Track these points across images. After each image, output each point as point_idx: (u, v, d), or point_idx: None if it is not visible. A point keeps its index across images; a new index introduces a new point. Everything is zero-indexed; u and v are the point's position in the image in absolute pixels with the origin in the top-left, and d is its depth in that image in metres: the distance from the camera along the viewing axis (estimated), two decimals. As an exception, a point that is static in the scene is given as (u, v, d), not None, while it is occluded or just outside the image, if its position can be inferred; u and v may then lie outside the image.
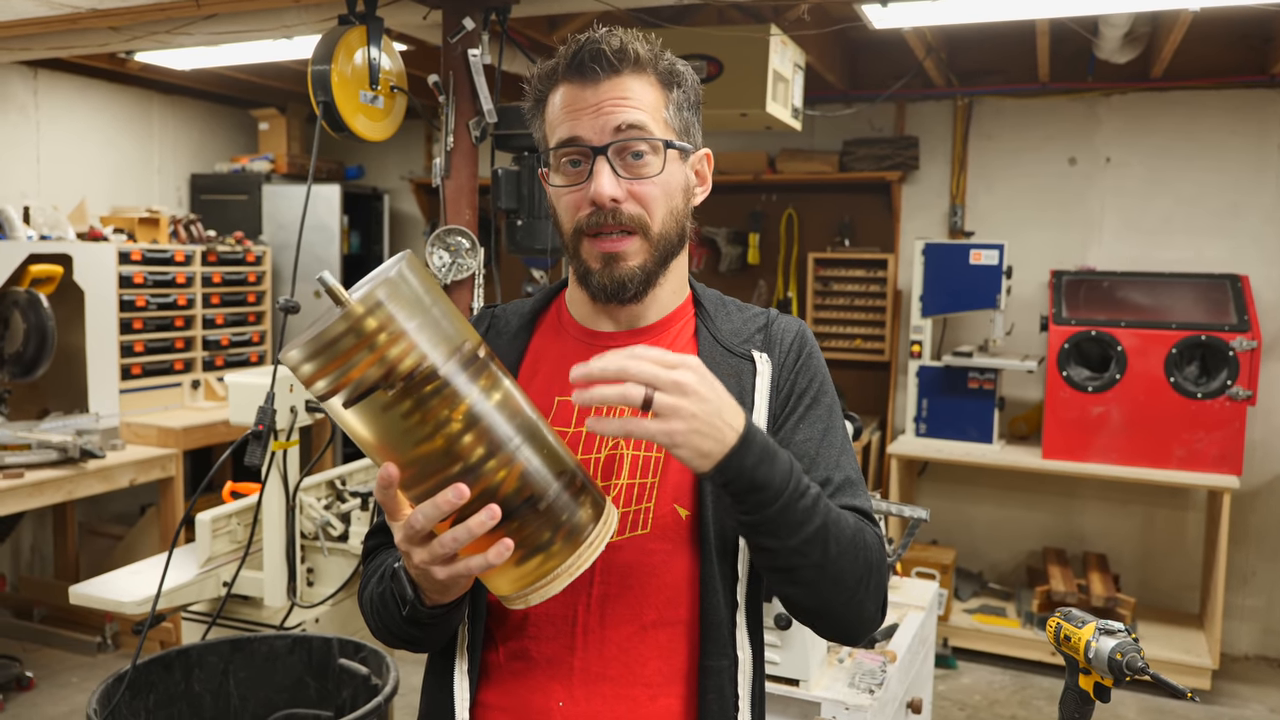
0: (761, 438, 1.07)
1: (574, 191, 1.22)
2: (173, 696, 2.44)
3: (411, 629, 1.19)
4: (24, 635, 4.64)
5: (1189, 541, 4.85)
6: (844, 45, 4.99)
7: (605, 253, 1.22)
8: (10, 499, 3.73)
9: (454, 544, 0.99)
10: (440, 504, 0.97)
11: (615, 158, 1.20)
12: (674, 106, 1.24)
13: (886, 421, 5.33)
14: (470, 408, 0.97)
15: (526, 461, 1.00)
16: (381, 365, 0.93)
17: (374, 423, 0.96)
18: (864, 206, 5.39)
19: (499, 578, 1.05)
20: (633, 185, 1.21)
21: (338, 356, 0.92)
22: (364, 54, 2.74)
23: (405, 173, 6.33)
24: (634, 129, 1.19)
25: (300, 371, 0.94)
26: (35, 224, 4.29)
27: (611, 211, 1.20)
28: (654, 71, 1.23)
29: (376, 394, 0.94)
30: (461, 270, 2.75)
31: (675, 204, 1.25)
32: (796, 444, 1.26)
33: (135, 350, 4.67)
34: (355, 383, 0.93)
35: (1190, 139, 4.75)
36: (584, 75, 1.20)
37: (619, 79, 1.20)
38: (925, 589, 2.87)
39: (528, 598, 1.04)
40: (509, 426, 1.00)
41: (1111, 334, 4.37)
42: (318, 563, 3.04)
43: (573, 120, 1.20)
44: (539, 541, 1.01)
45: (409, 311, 0.94)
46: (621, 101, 1.20)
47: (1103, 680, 1.38)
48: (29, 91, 4.95)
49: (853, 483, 1.26)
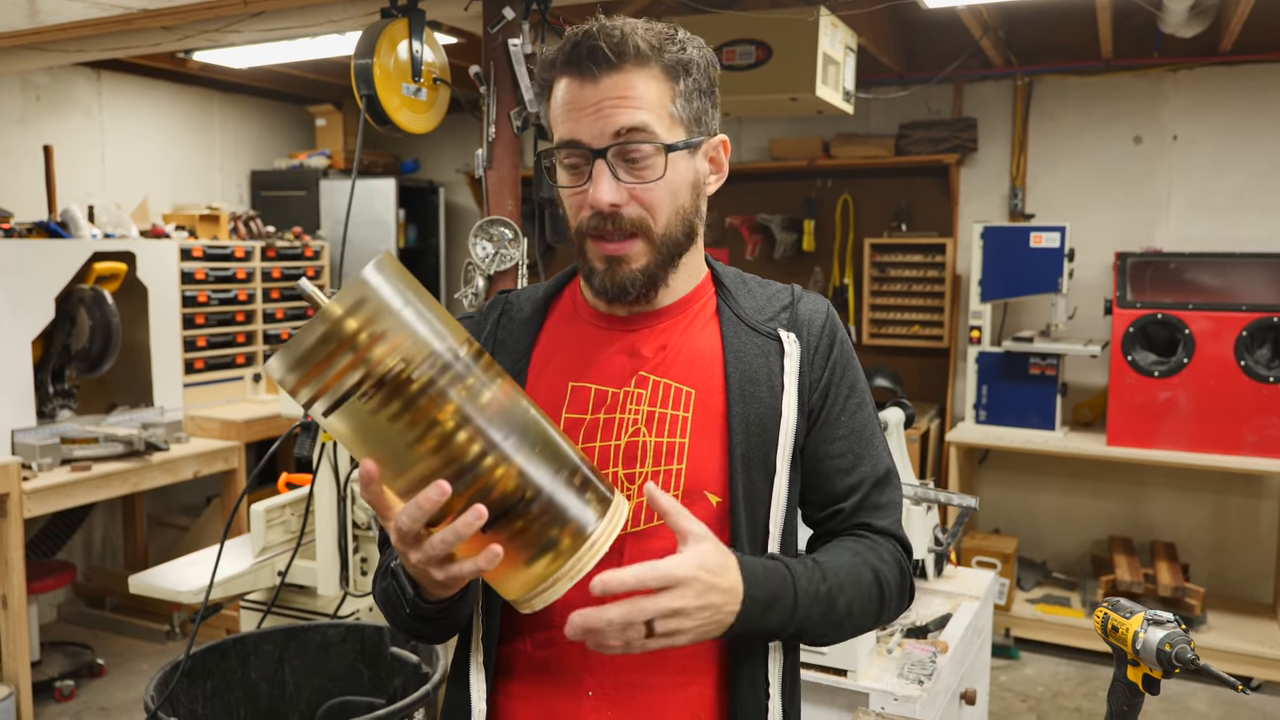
0: (756, 590, 1.09)
1: (576, 193, 1.19)
2: (229, 684, 2.49)
3: (418, 624, 1.18)
4: (95, 624, 4.78)
5: (1263, 530, 4.70)
6: (898, 26, 4.90)
7: (608, 254, 1.19)
8: (79, 491, 3.84)
9: (444, 546, 0.96)
10: (423, 503, 0.94)
11: (615, 160, 1.15)
12: (682, 98, 1.18)
13: (945, 409, 5.24)
14: (456, 407, 0.94)
15: (521, 459, 0.96)
16: (358, 367, 0.90)
17: (359, 429, 0.94)
18: (921, 190, 5.29)
19: (503, 581, 1.01)
20: (634, 188, 1.17)
21: (314, 362, 0.90)
22: (406, 47, 2.75)
23: (460, 165, 6.37)
24: (634, 131, 1.14)
25: (283, 382, 0.92)
26: (99, 223, 4.39)
27: (611, 216, 1.16)
28: (658, 63, 1.16)
29: (356, 399, 0.91)
30: (505, 261, 2.75)
31: (681, 202, 1.20)
32: (840, 439, 1.26)
33: (198, 345, 4.77)
34: (334, 388, 0.91)
35: (1262, 114, 4.58)
36: (582, 71, 1.15)
37: (619, 75, 1.14)
38: (980, 578, 2.81)
39: (533, 601, 1.01)
40: (500, 424, 0.96)
41: (1179, 317, 4.24)
42: (370, 552, 3.07)
43: (572, 121, 1.16)
44: (541, 541, 0.98)
45: (384, 312, 0.91)
46: (621, 101, 1.14)
47: (1151, 672, 1.33)
48: (93, 93, 5.07)
49: (890, 474, 1.29)
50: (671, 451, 1.20)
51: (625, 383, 1.23)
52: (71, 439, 3.95)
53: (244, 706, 2.51)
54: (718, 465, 1.20)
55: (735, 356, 1.24)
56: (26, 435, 3.85)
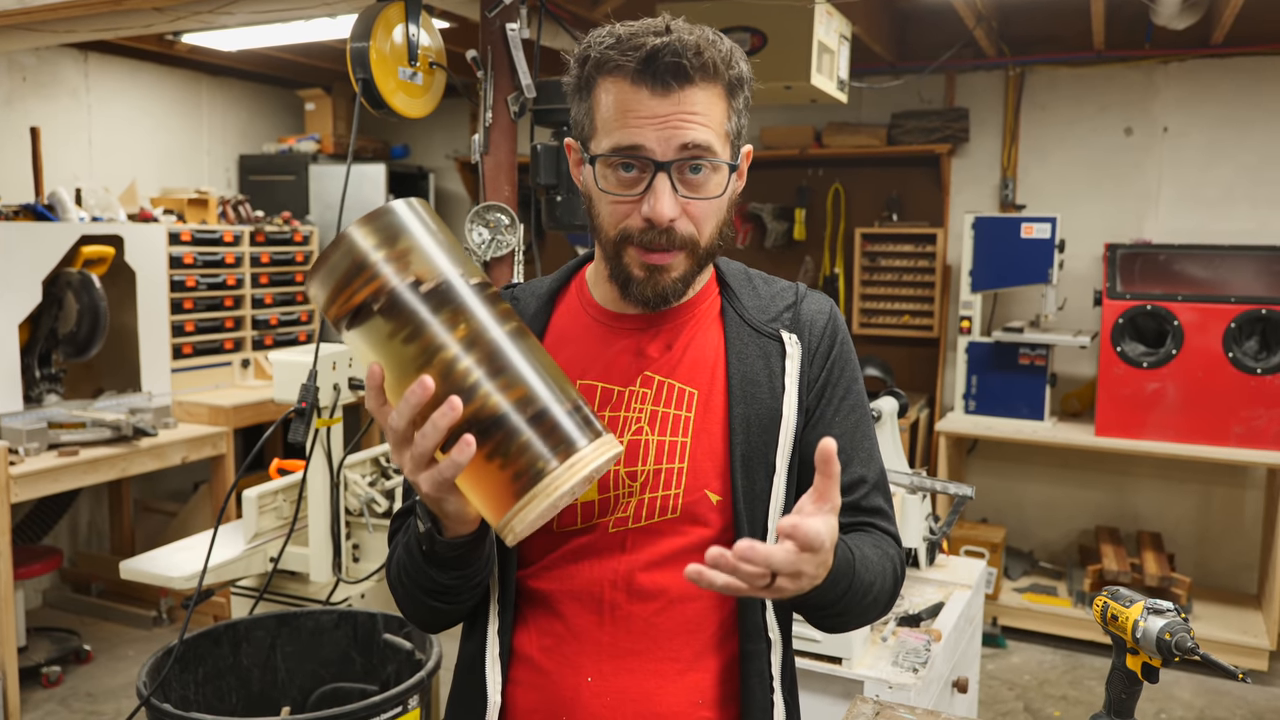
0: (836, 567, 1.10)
1: (626, 201, 1.17)
2: (221, 670, 2.48)
3: (436, 572, 1.16)
4: (82, 609, 4.76)
5: (1247, 521, 4.74)
6: (892, 15, 4.90)
7: (651, 265, 1.19)
8: (66, 476, 3.81)
9: (424, 440, 0.98)
10: (408, 397, 0.97)
11: (675, 174, 1.15)
12: (735, 115, 1.19)
13: (935, 398, 5.26)
14: (462, 325, 0.99)
15: (518, 381, 0.99)
16: (372, 281, 0.98)
17: (374, 346, 1.00)
18: (912, 180, 5.30)
19: (488, 499, 1.01)
20: (689, 204, 1.17)
21: (337, 277, 0.99)
22: (403, 30, 2.73)
23: (450, 151, 6.34)
24: (700, 149, 1.14)
25: (314, 299, 1.01)
26: (87, 206, 4.35)
27: (666, 231, 1.16)
28: (723, 82, 1.17)
29: (371, 313, 0.98)
30: (501, 247, 2.74)
31: (723, 216, 1.22)
32: (835, 437, 1.25)
33: (186, 330, 4.74)
34: (356, 304, 0.99)
35: (1253, 106, 4.60)
36: (655, 81, 1.13)
37: (691, 90, 1.14)
38: (972, 567, 2.83)
39: (513, 523, 1.00)
40: (500, 346, 1.00)
41: (1168, 308, 4.26)
42: (363, 539, 3.06)
43: (636, 127, 1.14)
44: (531, 465, 0.98)
45: (400, 232, 1.00)
46: (691, 118, 1.14)
47: (1150, 660, 1.34)
48: (80, 75, 5.02)
49: (883, 475, 1.32)
50: (674, 450, 1.22)
51: (631, 381, 1.25)
52: (58, 424, 3.92)
53: (236, 693, 2.51)
54: (719, 464, 1.22)
55: (737, 358, 1.25)
56: (13, 420, 3.82)
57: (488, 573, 1.22)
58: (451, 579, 1.17)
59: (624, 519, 1.21)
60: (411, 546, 1.18)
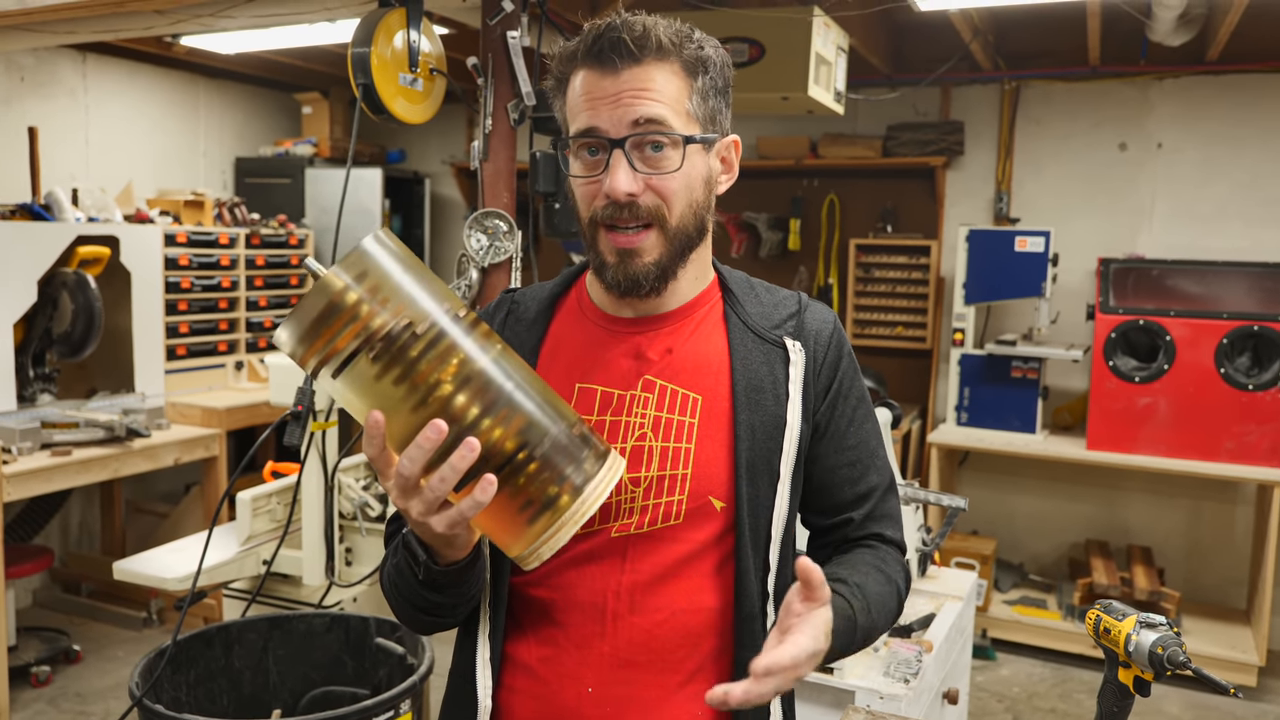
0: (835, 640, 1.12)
1: (591, 182, 1.20)
2: (213, 672, 2.48)
3: (430, 594, 1.17)
4: (72, 609, 4.74)
5: (1237, 536, 4.76)
6: (888, 27, 4.92)
7: (621, 247, 1.20)
8: (58, 476, 3.80)
9: (441, 485, 0.98)
10: (422, 443, 0.96)
11: (633, 151, 1.17)
12: (698, 95, 1.20)
13: (927, 410, 5.28)
14: (457, 362, 0.98)
15: (519, 414, 0.99)
16: (360, 330, 0.95)
17: (364, 391, 0.98)
18: (907, 192, 5.32)
19: (507, 534, 1.03)
20: (650, 179, 1.18)
21: (319, 328, 0.95)
22: (404, 36, 2.74)
23: (446, 157, 6.35)
24: (652, 123, 1.16)
25: (291, 351, 0.97)
26: (83, 206, 4.35)
27: (627, 205, 1.17)
28: (678, 59, 1.18)
29: (360, 359, 0.96)
30: (499, 253, 2.75)
31: (695, 196, 1.22)
32: (850, 449, 1.31)
33: (180, 331, 4.74)
34: (340, 351, 0.96)
35: (1247, 124, 4.63)
36: (603, 63, 1.17)
37: (640, 68, 1.16)
38: (963, 579, 2.84)
39: (539, 551, 1.02)
40: (498, 380, 1.00)
41: (1160, 323, 4.28)
42: (356, 543, 3.06)
43: (591, 110, 1.17)
44: (542, 491, 1.00)
45: (383, 277, 0.97)
46: (641, 93, 1.16)
47: (1143, 674, 1.35)
48: (78, 75, 5.02)
49: (893, 482, 1.35)
50: (677, 456, 1.22)
51: (631, 385, 1.25)
52: (52, 423, 3.91)
53: (227, 695, 2.50)
54: (723, 471, 1.22)
55: (742, 363, 1.25)
56: (6, 419, 3.82)
57: (481, 585, 1.23)
58: (446, 597, 1.18)
59: (627, 525, 1.21)
60: (404, 569, 1.18)
